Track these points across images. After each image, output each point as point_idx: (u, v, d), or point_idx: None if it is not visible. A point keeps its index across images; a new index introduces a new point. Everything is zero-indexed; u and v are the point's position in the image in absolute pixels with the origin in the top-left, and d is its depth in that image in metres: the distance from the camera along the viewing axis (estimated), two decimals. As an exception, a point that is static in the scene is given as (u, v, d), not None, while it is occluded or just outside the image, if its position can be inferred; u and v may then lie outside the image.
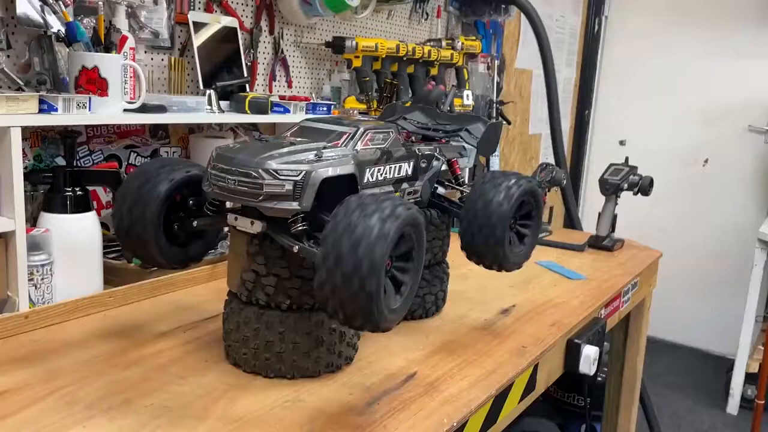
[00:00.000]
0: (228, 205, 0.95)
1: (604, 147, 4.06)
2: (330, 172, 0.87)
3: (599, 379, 2.21)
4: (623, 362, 1.87)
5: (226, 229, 0.96)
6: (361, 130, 0.96)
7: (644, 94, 3.97)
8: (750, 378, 3.06)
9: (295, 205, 0.84)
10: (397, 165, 1.02)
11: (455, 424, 0.84)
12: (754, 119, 3.68)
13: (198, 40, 1.50)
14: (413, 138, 1.20)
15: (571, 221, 2.43)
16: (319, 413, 0.84)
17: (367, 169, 0.95)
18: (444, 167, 1.15)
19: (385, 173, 0.99)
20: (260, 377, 0.92)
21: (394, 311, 0.81)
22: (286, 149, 0.87)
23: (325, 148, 0.90)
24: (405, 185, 1.05)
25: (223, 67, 1.56)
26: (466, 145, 1.20)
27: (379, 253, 0.74)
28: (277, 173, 0.83)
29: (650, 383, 3.38)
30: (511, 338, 1.13)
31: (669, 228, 3.90)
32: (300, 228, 0.86)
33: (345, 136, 0.94)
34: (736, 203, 3.74)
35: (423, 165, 1.08)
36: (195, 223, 0.97)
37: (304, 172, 0.84)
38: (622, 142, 4.05)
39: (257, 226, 0.88)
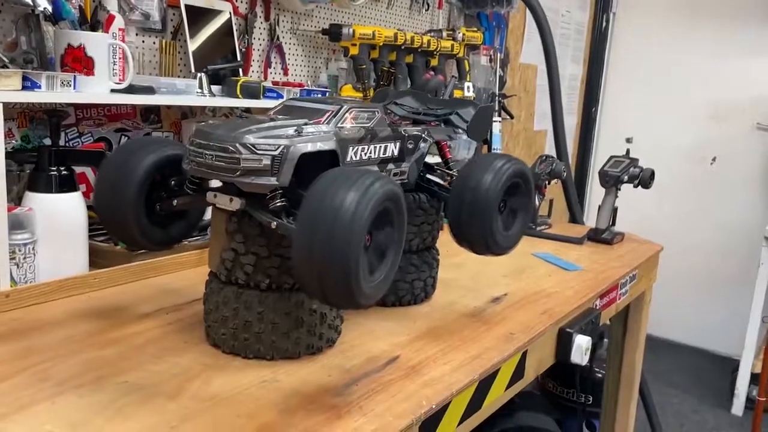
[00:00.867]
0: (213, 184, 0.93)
1: (611, 144, 4.01)
2: (309, 147, 0.85)
3: (598, 374, 2.19)
4: (622, 357, 1.84)
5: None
6: (345, 107, 0.94)
7: (652, 92, 3.93)
8: (755, 379, 3.01)
9: (273, 181, 0.82)
10: (382, 145, 1.00)
11: (434, 406, 0.82)
12: (762, 117, 3.63)
13: (190, 23, 1.49)
14: (402, 121, 1.18)
15: (572, 215, 2.40)
16: (295, 393, 0.82)
17: (350, 148, 0.93)
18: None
19: (370, 153, 0.98)
20: (239, 358, 0.90)
21: (374, 288, 0.79)
22: (265, 125, 0.86)
23: (306, 124, 0.88)
24: (391, 166, 1.03)
25: (216, 52, 1.55)
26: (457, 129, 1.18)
27: (355, 227, 0.72)
28: (254, 148, 0.82)
29: (655, 382, 3.34)
30: (500, 325, 1.11)
31: (675, 226, 3.86)
32: (278, 204, 0.84)
33: (328, 114, 0.92)
34: (743, 201, 3.69)
35: (410, 146, 1.07)
36: (175, 202, 0.95)
37: (282, 147, 0.82)
38: (629, 140, 4.01)
39: (236, 203, 0.86)
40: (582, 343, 1.19)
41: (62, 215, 1.15)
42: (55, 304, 1.07)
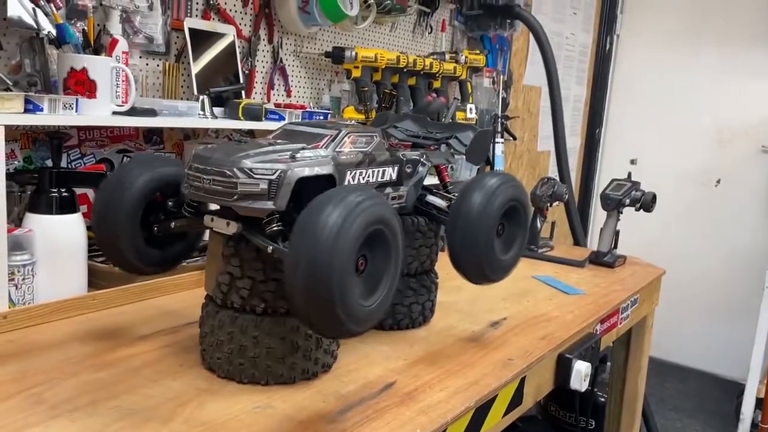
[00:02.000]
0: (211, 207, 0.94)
1: (616, 165, 4.01)
2: (306, 172, 0.85)
3: (601, 398, 2.16)
4: (624, 381, 1.82)
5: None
6: (343, 132, 0.94)
7: (656, 113, 3.94)
8: (761, 403, 2.97)
9: (269, 205, 0.83)
10: (381, 169, 1.01)
11: (428, 434, 0.81)
12: (767, 140, 3.62)
13: (194, 46, 1.50)
14: (401, 145, 1.18)
15: (575, 237, 2.39)
16: (289, 420, 0.81)
17: (348, 172, 0.93)
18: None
19: (368, 177, 0.98)
20: (233, 382, 0.90)
21: (365, 315, 0.78)
22: (262, 149, 0.86)
23: (303, 149, 0.89)
24: (389, 190, 1.04)
25: (219, 74, 1.56)
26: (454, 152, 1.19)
27: (339, 248, 0.72)
28: (251, 172, 0.82)
29: (659, 406, 3.31)
30: (498, 350, 1.10)
31: (680, 248, 3.84)
32: (275, 228, 0.85)
33: (326, 139, 0.93)
34: (748, 224, 3.67)
35: (408, 170, 1.07)
36: (173, 225, 0.96)
37: (279, 171, 0.83)
38: (633, 161, 4.01)
39: (232, 227, 0.87)
40: (581, 369, 1.18)
41: (62, 236, 1.15)
42: (52, 326, 1.07)
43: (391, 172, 1.03)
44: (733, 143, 3.73)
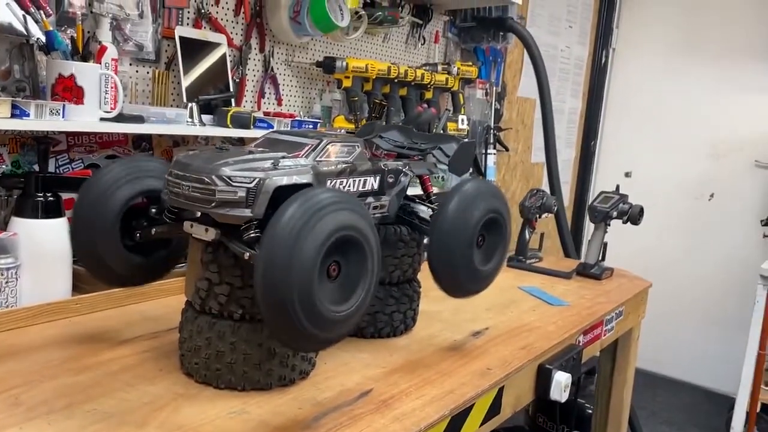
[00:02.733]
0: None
1: (610, 178, 4.02)
2: (285, 180, 0.86)
3: (588, 410, 2.16)
4: (610, 393, 1.83)
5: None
6: (324, 142, 0.96)
7: (651, 127, 3.96)
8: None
9: (247, 212, 0.84)
10: (362, 179, 1.02)
11: (400, 442, 0.82)
12: (760, 155, 3.64)
13: (185, 54, 1.52)
14: (385, 154, 1.19)
15: (565, 249, 2.40)
16: (263, 426, 0.82)
17: (329, 181, 0.94)
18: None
19: (349, 186, 0.99)
20: (210, 388, 0.91)
21: (337, 321, 0.79)
22: (242, 157, 0.87)
23: (284, 157, 0.90)
24: (371, 199, 1.05)
25: (209, 82, 1.58)
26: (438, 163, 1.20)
27: (300, 252, 0.73)
28: (230, 180, 0.83)
29: (651, 420, 3.30)
30: (478, 359, 1.11)
31: (673, 262, 3.85)
32: (252, 235, 0.85)
33: (307, 148, 0.94)
34: (740, 238, 3.68)
35: (390, 180, 1.08)
36: (153, 231, 0.97)
37: (257, 180, 0.84)
38: (627, 174, 4.02)
39: (211, 234, 0.88)
40: (561, 380, 1.18)
41: (47, 240, 1.16)
42: (35, 329, 1.08)
43: (372, 182, 1.04)
44: (727, 157, 3.74)
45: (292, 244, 0.73)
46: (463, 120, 2.30)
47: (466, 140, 1.22)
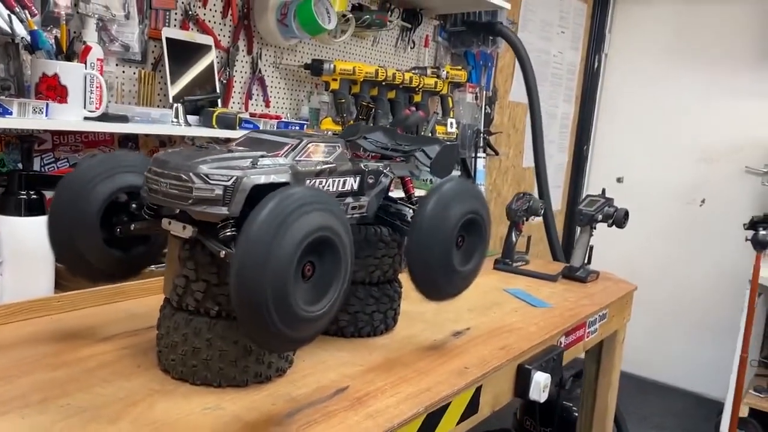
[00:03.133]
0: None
1: (602, 183, 4.03)
2: (262, 179, 0.87)
3: (575, 413, 2.17)
4: (595, 396, 1.83)
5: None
6: (304, 142, 0.96)
7: (642, 132, 3.98)
8: (739, 422, 2.98)
9: (224, 210, 0.84)
10: (342, 179, 1.02)
11: (372, 438, 0.82)
12: (751, 160, 3.67)
13: (171, 55, 1.53)
14: (369, 155, 1.20)
15: (553, 252, 2.41)
16: (236, 421, 0.83)
17: (307, 181, 0.95)
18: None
19: (328, 186, 1.00)
20: (187, 384, 0.91)
21: (307, 325, 0.80)
22: (221, 155, 0.88)
23: (263, 156, 0.90)
24: (350, 199, 1.05)
25: (195, 83, 1.59)
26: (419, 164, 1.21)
27: (277, 259, 0.74)
28: (207, 177, 0.84)
29: (641, 424, 3.31)
30: (457, 359, 1.11)
31: (664, 267, 3.87)
32: (229, 234, 0.86)
33: (287, 147, 0.95)
34: (730, 244, 3.69)
35: (370, 180, 1.09)
36: (132, 227, 0.97)
37: (234, 178, 0.84)
38: (619, 179, 4.05)
39: (188, 231, 0.88)
40: (541, 381, 1.19)
41: (30, 238, 1.17)
42: (15, 326, 1.08)
43: (352, 182, 1.05)
44: (718, 163, 3.77)
45: (267, 244, 0.73)
46: (452, 123, 2.31)
47: (449, 143, 1.23)
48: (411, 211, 1.18)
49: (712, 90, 3.75)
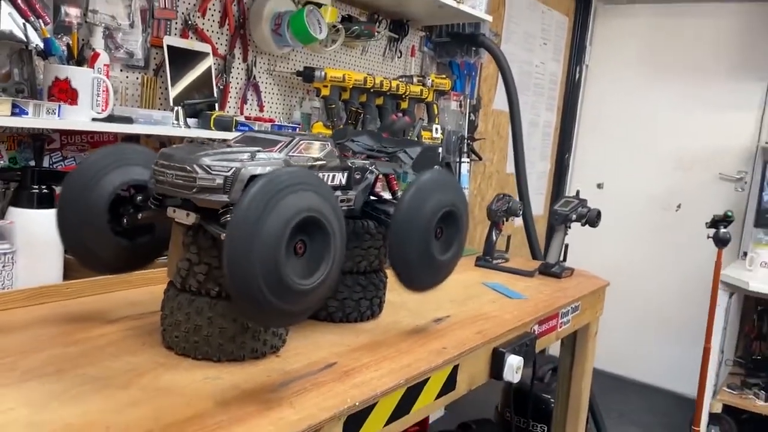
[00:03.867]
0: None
1: (583, 189, 4.13)
2: (259, 170, 0.96)
3: (553, 404, 2.27)
4: (570, 385, 1.93)
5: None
6: (297, 140, 1.06)
7: (621, 140, 4.12)
8: (713, 418, 3.10)
9: (224, 198, 0.94)
10: (331, 174, 1.12)
11: (357, 403, 0.91)
12: (724, 167, 3.81)
13: (172, 62, 1.63)
14: (358, 156, 1.30)
15: (532, 251, 2.52)
16: (234, 389, 0.91)
17: (300, 172, 1.04)
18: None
19: (318, 180, 1.09)
20: (189, 359, 1.00)
21: (301, 297, 0.89)
22: (221, 150, 0.98)
23: (259, 152, 1.00)
24: (338, 193, 1.15)
25: (194, 88, 1.69)
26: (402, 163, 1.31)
27: (264, 233, 0.81)
28: (209, 168, 0.93)
29: (619, 421, 3.42)
30: (437, 341, 1.20)
31: (642, 269, 3.99)
32: (228, 218, 0.95)
33: (281, 144, 1.05)
34: (706, 247, 3.81)
35: (357, 176, 1.19)
36: (140, 216, 1.06)
37: (233, 169, 0.94)
38: (599, 186, 4.17)
39: (192, 218, 0.97)
40: (514, 363, 1.29)
41: (41, 229, 1.25)
42: (28, 309, 1.16)
43: (340, 177, 1.15)
44: (693, 170, 3.90)
45: (256, 218, 0.81)
46: (437, 129, 2.42)
47: (429, 144, 1.33)
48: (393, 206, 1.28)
49: (688, 100, 3.90)
